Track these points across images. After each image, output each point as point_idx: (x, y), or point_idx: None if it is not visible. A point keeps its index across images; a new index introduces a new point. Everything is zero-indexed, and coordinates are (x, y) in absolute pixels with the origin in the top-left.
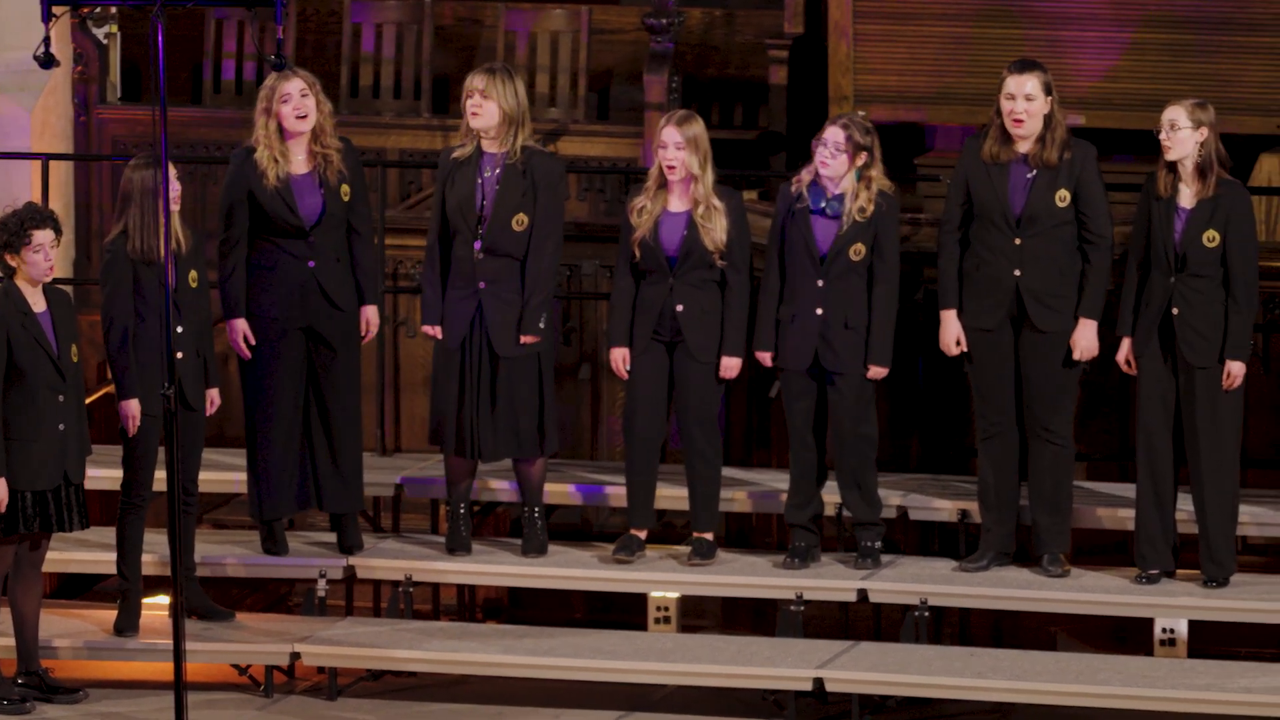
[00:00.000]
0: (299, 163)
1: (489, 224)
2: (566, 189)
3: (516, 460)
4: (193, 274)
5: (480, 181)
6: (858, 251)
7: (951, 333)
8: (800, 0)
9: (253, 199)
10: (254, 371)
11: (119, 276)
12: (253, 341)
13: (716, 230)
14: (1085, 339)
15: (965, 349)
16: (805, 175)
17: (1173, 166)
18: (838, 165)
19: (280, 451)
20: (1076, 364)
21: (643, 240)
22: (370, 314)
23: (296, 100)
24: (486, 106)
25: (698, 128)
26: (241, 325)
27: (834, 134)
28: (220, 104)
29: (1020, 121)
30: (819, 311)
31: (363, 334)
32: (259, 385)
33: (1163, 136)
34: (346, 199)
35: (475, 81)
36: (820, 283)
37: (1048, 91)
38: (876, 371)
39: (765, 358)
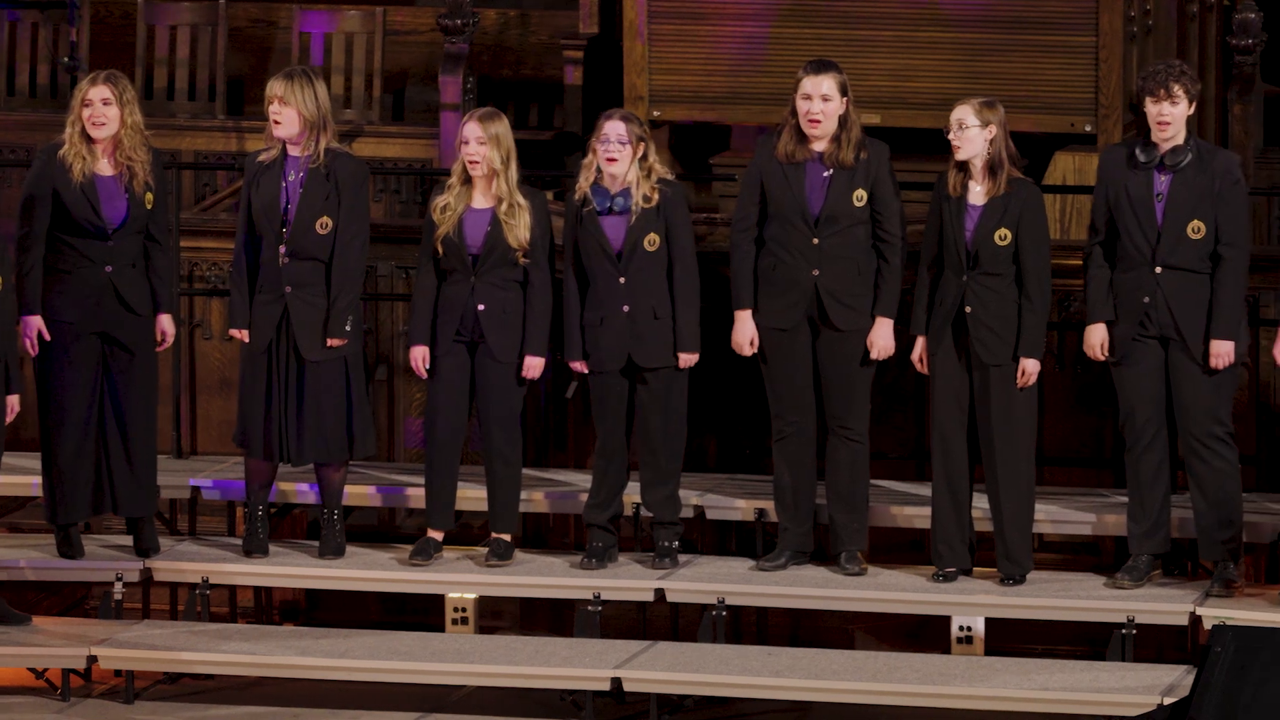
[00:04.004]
0: (105, 164)
1: (293, 228)
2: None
3: (320, 464)
4: None
5: (284, 185)
6: (651, 242)
7: (746, 333)
8: (595, 1)
9: (57, 197)
10: (48, 375)
11: None
12: (48, 338)
13: (520, 228)
14: (882, 338)
15: (758, 349)
16: (584, 181)
17: (963, 165)
18: (625, 158)
19: (74, 455)
20: (873, 363)
21: (446, 237)
22: (165, 322)
23: (97, 109)
24: (286, 113)
25: (501, 125)
26: (36, 322)
27: (615, 128)
28: (14, 106)
29: (817, 122)
30: (625, 309)
31: (159, 342)
32: (53, 389)
33: (952, 136)
34: (150, 206)
35: (274, 89)
36: (622, 280)
37: (844, 92)
38: (686, 359)
39: (579, 366)
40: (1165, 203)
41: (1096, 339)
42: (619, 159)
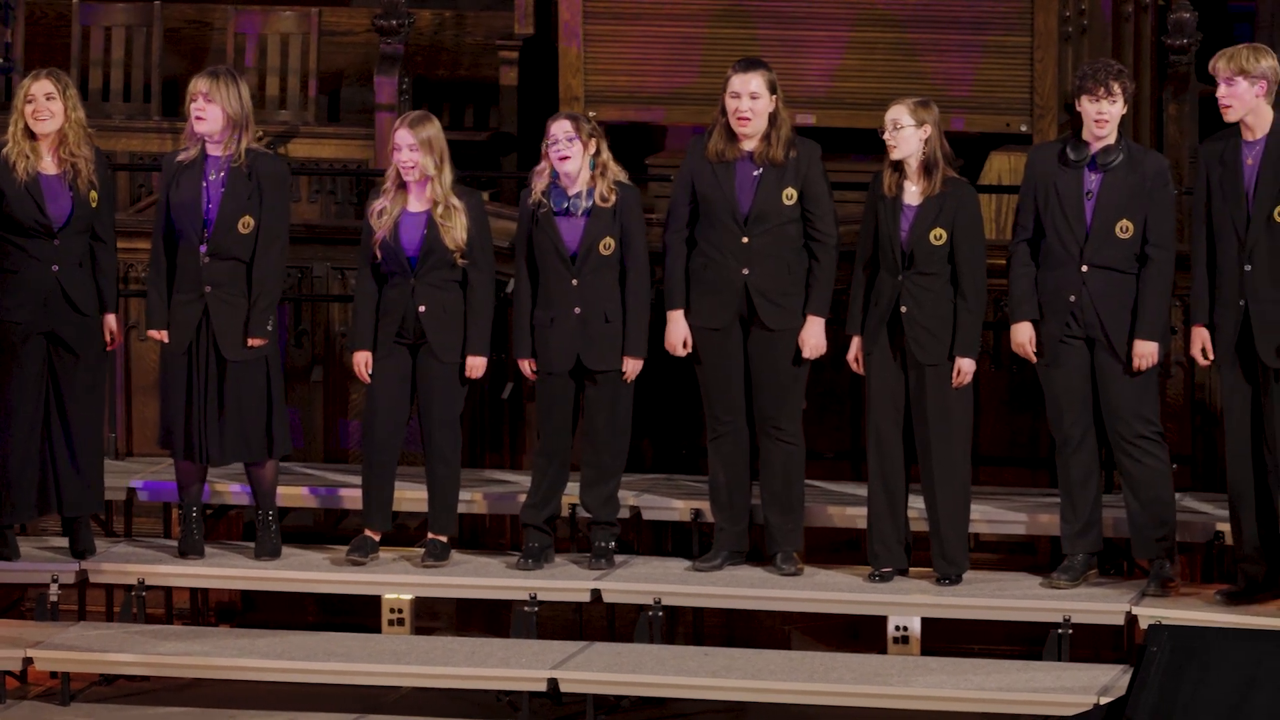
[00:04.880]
0: (49, 163)
1: (214, 227)
2: (290, 191)
3: (247, 464)
4: None
5: (205, 185)
6: (607, 246)
7: (679, 333)
8: (530, 1)
9: (1, 196)
10: None
11: None
12: None
13: (457, 229)
14: (813, 337)
15: (691, 349)
16: (538, 183)
17: (898, 165)
18: (576, 155)
19: (21, 457)
20: (805, 362)
21: (383, 242)
22: (112, 322)
23: (39, 103)
24: (210, 110)
25: (432, 129)
26: None
27: (562, 126)
28: None
29: (746, 120)
30: (577, 310)
31: (108, 342)
32: (1, 390)
33: (886, 136)
34: (94, 205)
35: (199, 85)
36: (575, 282)
37: (773, 90)
38: (633, 365)
39: (526, 365)
40: (1095, 201)
41: (1023, 337)
42: (571, 155)
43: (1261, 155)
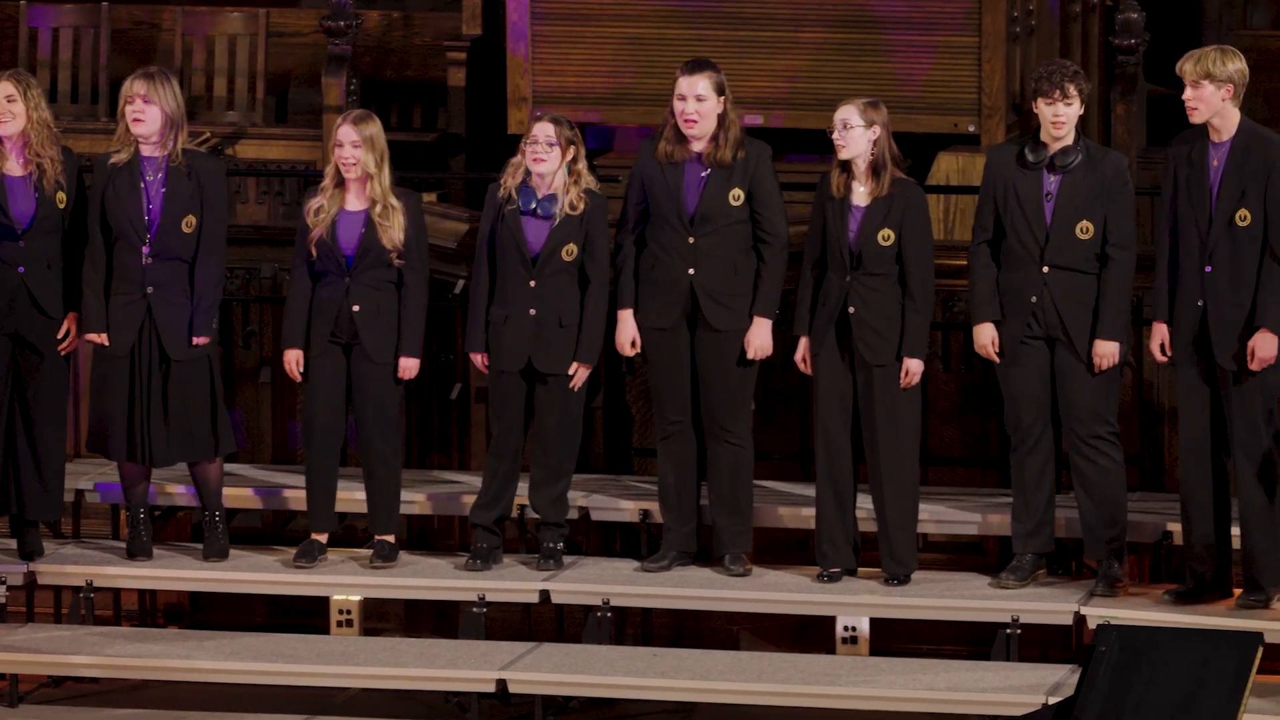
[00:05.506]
0: (14, 164)
1: (158, 228)
2: (234, 191)
3: (192, 464)
4: None
5: (144, 186)
6: (570, 252)
7: (627, 333)
8: (478, 2)
9: None
10: None
11: None
12: None
13: (394, 229)
14: (759, 338)
15: (640, 349)
16: (511, 179)
17: (846, 166)
18: (552, 160)
19: None
20: (752, 363)
21: (320, 239)
22: (69, 320)
23: (1, 106)
24: (150, 111)
25: (374, 127)
26: None
27: (544, 129)
28: None
29: (693, 122)
30: (532, 312)
31: (65, 338)
32: None
33: (835, 136)
34: (62, 205)
35: (136, 86)
36: (533, 283)
37: (720, 91)
38: (582, 372)
39: (478, 359)
40: (1054, 202)
41: (985, 338)
42: (546, 160)
43: (1227, 157)
